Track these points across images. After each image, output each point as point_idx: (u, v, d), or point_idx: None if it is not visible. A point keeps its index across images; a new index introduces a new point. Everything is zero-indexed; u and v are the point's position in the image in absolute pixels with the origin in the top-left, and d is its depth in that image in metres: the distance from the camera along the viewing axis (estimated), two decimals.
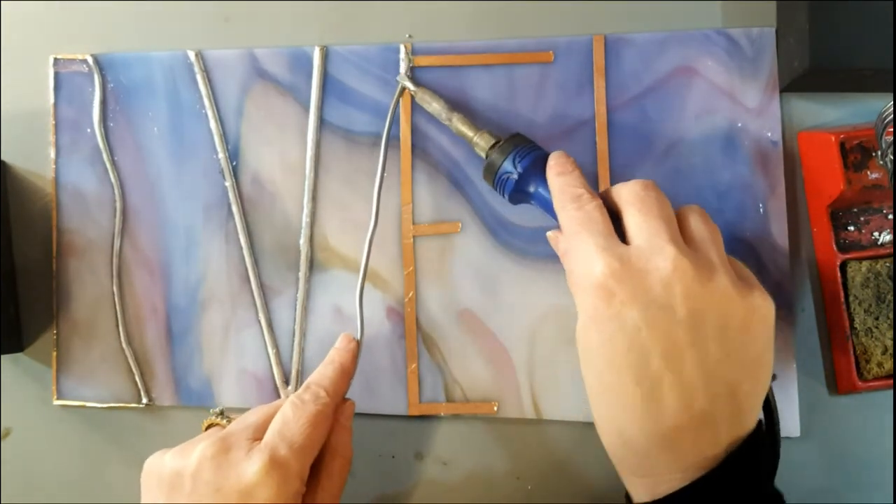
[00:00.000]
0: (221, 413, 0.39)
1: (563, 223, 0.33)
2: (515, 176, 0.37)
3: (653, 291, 0.29)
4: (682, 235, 0.32)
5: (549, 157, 0.36)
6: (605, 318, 0.30)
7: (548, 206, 0.36)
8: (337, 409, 0.37)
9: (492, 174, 0.38)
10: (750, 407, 0.30)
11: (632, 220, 0.32)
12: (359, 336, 0.40)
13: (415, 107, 0.43)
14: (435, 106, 0.41)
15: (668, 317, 0.29)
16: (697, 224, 0.32)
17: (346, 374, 0.38)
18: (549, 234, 0.36)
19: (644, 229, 0.31)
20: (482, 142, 0.39)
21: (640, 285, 0.30)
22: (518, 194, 0.37)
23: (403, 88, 0.42)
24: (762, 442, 0.31)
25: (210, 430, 0.37)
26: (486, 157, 0.39)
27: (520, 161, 0.37)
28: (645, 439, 0.30)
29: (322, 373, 0.37)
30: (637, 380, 0.29)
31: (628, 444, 0.30)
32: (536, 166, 0.37)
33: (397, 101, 0.42)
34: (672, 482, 0.30)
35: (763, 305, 0.31)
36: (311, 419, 0.34)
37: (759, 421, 0.31)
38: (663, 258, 0.30)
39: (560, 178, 0.35)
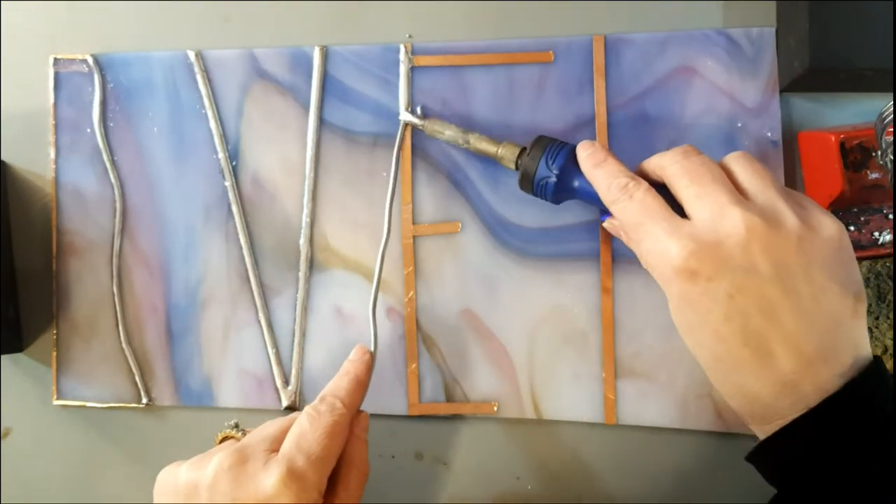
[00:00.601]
0: (236, 426, 0.38)
1: (618, 216, 0.34)
2: (553, 179, 0.37)
3: (733, 259, 0.30)
4: (736, 188, 0.32)
5: (578, 148, 0.36)
6: (694, 297, 0.30)
7: (594, 198, 0.36)
8: (352, 421, 0.37)
9: (529, 182, 0.38)
10: (857, 330, 0.31)
11: (686, 193, 0.32)
12: (372, 347, 0.40)
13: (414, 104, 0.43)
14: (448, 133, 0.41)
15: (754, 277, 0.30)
16: (746, 172, 0.32)
17: (361, 385, 0.38)
18: (605, 224, 0.37)
19: (703, 200, 0.31)
20: (508, 153, 0.39)
21: (719, 256, 0.30)
22: (560, 194, 0.37)
23: (407, 125, 0.42)
24: (879, 367, 0.31)
25: (226, 443, 0.37)
26: (517, 167, 0.38)
27: (553, 162, 0.37)
28: (767, 390, 0.30)
29: (337, 384, 0.37)
30: (744, 341, 0.30)
31: (753, 399, 0.31)
32: (571, 161, 0.37)
33: (402, 138, 0.42)
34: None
35: (832, 227, 0.31)
36: (327, 430, 0.34)
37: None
38: (732, 223, 0.30)
39: (598, 171, 0.35)
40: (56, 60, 0.45)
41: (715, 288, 0.30)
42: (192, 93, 0.45)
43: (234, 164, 0.44)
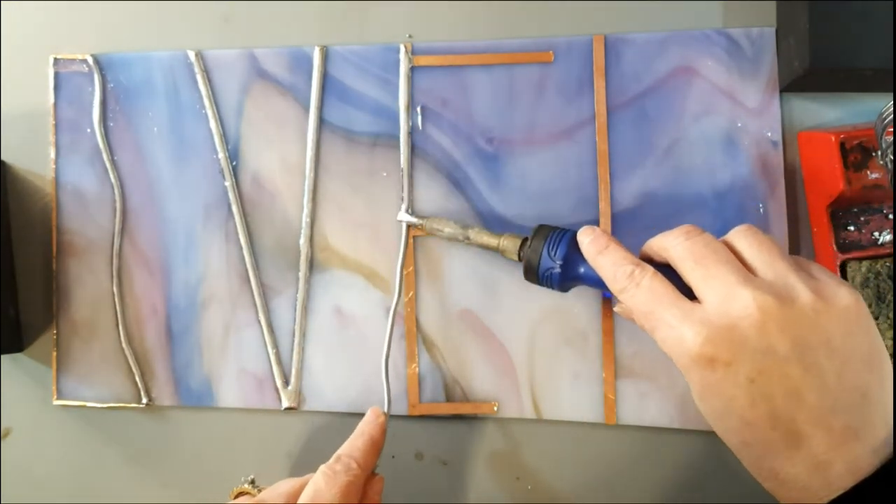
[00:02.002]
0: (252, 482, 0.39)
1: (628, 304, 0.33)
2: (558, 269, 0.36)
3: (749, 341, 0.29)
4: (743, 264, 0.31)
5: (579, 235, 0.36)
6: (716, 384, 0.30)
7: (600, 284, 0.35)
8: (366, 483, 0.37)
9: (534, 274, 0.37)
10: (887, 400, 0.30)
11: (693, 276, 0.31)
12: (386, 408, 0.40)
13: (414, 104, 0.43)
14: (448, 230, 0.41)
15: (773, 358, 0.29)
16: (752, 247, 0.32)
17: (376, 446, 0.38)
18: (616, 309, 0.36)
19: (711, 282, 0.30)
20: (510, 245, 0.39)
21: (735, 340, 0.29)
22: (566, 283, 0.37)
23: (409, 225, 0.42)
24: None
25: (241, 498, 0.37)
26: (520, 258, 0.38)
27: (555, 252, 0.36)
28: (801, 472, 0.29)
29: (353, 444, 0.37)
30: (772, 425, 0.29)
31: (787, 483, 0.30)
32: (573, 249, 0.36)
33: (406, 241, 0.43)
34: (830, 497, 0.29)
35: (847, 296, 0.30)
36: (342, 489, 0.34)
37: None
38: (743, 304, 0.29)
39: (602, 258, 0.34)
40: (56, 60, 0.45)
41: (735, 373, 0.29)
42: (192, 93, 0.45)
43: (234, 164, 0.44)
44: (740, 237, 0.32)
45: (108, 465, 0.45)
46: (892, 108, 0.35)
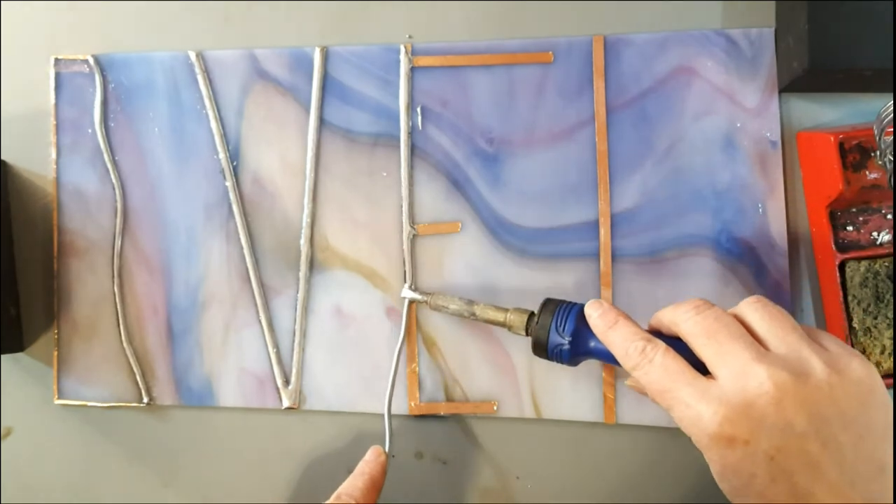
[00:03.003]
0: None
1: (641, 381, 0.33)
2: (567, 346, 0.36)
3: (767, 419, 0.29)
4: (755, 338, 0.31)
5: (586, 309, 0.36)
6: (735, 462, 0.29)
7: (611, 358, 0.34)
8: None
9: (543, 350, 0.37)
10: None
11: (706, 352, 0.31)
12: (387, 447, 0.40)
13: (414, 104, 0.43)
14: (453, 307, 0.40)
15: (791, 434, 0.29)
16: (763, 320, 0.31)
17: (376, 486, 0.38)
18: (628, 383, 0.36)
19: (724, 358, 0.30)
20: (517, 321, 0.38)
21: (753, 418, 0.29)
22: (576, 358, 0.37)
23: (412, 301, 0.42)
24: None
25: None
26: (527, 334, 0.38)
27: (563, 328, 0.36)
28: None
29: (353, 484, 0.38)
30: (792, 501, 0.29)
31: None
32: (582, 323, 0.36)
33: (408, 316, 0.42)
34: None
35: (861, 369, 0.30)
36: None
37: None
38: (759, 381, 0.29)
39: (612, 333, 0.34)
40: (57, 61, 0.46)
41: (754, 451, 0.29)
42: (192, 93, 0.45)
43: (234, 164, 0.44)
44: (750, 310, 0.32)
45: (109, 464, 0.45)
46: (891, 109, 0.35)
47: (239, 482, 0.44)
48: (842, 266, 0.40)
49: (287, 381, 0.44)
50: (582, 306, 0.36)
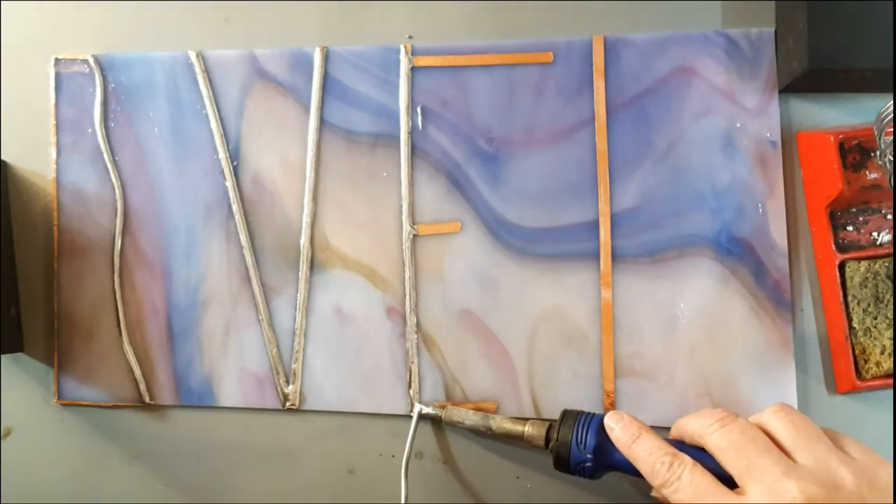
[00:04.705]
0: None
1: (671, 499, 0.33)
2: (589, 462, 0.36)
3: None
4: (780, 447, 0.31)
5: (606, 421, 0.35)
6: None
7: (635, 472, 0.34)
8: None
9: (565, 467, 0.37)
10: None
11: (734, 466, 0.31)
12: (403, 498, 0.40)
13: (414, 104, 0.43)
14: (468, 422, 0.40)
15: None
16: (788, 431, 0.32)
17: None
18: (654, 494, 0.36)
19: (754, 473, 0.30)
20: (535, 433, 0.38)
21: None
22: (599, 472, 0.36)
23: (422, 415, 0.42)
24: None
25: None
26: (547, 447, 0.38)
27: (584, 444, 0.36)
28: None
29: None
30: None
31: None
32: (603, 437, 0.36)
33: (416, 425, 0.42)
34: None
35: (889, 478, 0.30)
36: None
37: None
38: (790, 497, 0.29)
39: (636, 448, 0.34)
40: (57, 61, 0.46)
41: None
42: (192, 93, 0.45)
43: (234, 164, 0.44)
44: (774, 419, 0.32)
45: (109, 464, 0.45)
46: (891, 109, 0.35)
47: (239, 482, 0.44)
48: (842, 266, 0.40)
49: (287, 381, 0.44)
50: (601, 418, 0.36)
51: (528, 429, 0.39)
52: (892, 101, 0.35)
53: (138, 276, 0.45)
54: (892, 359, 0.40)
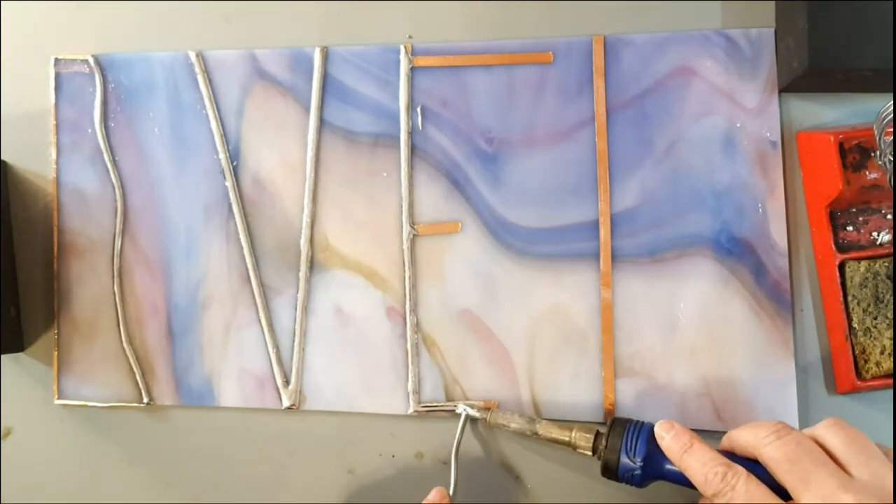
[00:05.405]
0: None
1: None
2: (639, 470, 0.35)
3: None
4: (835, 461, 0.31)
5: (657, 430, 0.35)
6: None
7: (684, 482, 0.34)
8: None
9: (613, 474, 0.37)
10: None
11: (790, 479, 0.31)
12: (451, 490, 0.40)
13: (414, 104, 0.43)
14: (514, 425, 0.40)
15: None
16: (844, 445, 0.31)
17: None
18: (702, 502, 0.35)
19: (810, 486, 0.30)
20: (582, 441, 0.38)
21: None
22: (647, 481, 0.36)
23: (468, 417, 0.41)
24: None
25: None
26: (594, 453, 0.38)
27: (634, 452, 0.36)
28: None
29: None
30: None
31: None
32: (653, 446, 0.35)
33: (464, 425, 0.42)
34: None
35: None
36: None
37: None
38: None
39: (689, 458, 0.34)
40: (57, 61, 0.46)
41: None
42: (192, 93, 0.45)
43: (234, 164, 0.44)
44: (829, 433, 0.32)
45: (109, 464, 0.45)
46: (891, 109, 0.35)
47: (239, 482, 0.44)
48: (842, 266, 0.40)
49: (287, 381, 0.44)
50: (652, 427, 0.36)
51: (575, 435, 0.38)
52: (892, 101, 0.35)
53: (138, 276, 0.45)
54: (892, 359, 0.40)
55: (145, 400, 0.44)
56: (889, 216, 0.40)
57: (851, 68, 0.38)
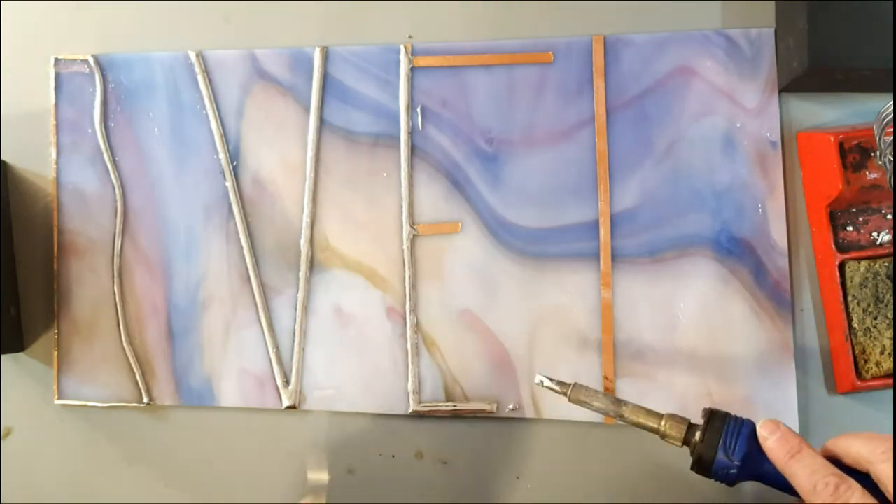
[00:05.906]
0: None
1: None
2: (735, 470, 0.33)
3: None
4: None
5: (760, 430, 0.33)
6: None
7: (787, 488, 0.32)
8: None
9: (706, 470, 0.34)
10: None
11: None
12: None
13: (414, 104, 0.43)
14: (597, 404, 0.37)
15: None
16: None
17: None
18: None
19: None
20: (674, 432, 0.35)
21: None
22: (741, 480, 0.34)
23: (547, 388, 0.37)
24: None
25: None
26: (684, 444, 0.35)
27: (733, 451, 0.33)
28: None
29: None
30: None
31: None
32: (754, 446, 0.33)
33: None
34: None
35: None
36: None
37: None
38: None
39: (796, 464, 0.31)
40: (57, 61, 0.46)
41: None
42: (192, 93, 0.45)
43: (234, 164, 0.44)
44: None
45: (109, 464, 0.45)
46: (891, 109, 0.35)
47: (239, 482, 0.44)
48: (842, 266, 0.40)
49: (287, 381, 0.44)
50: (753, 426, 0.34)
51: (665, 424, 0.36)
52: (892, 101, 0.35)
53: (138, 276, 0.45)
54: (892, 359, 0.40)
55: (145, 400, 0.44)
56: (889, 216, 0.40)
57: (851, 68, 0.38)
